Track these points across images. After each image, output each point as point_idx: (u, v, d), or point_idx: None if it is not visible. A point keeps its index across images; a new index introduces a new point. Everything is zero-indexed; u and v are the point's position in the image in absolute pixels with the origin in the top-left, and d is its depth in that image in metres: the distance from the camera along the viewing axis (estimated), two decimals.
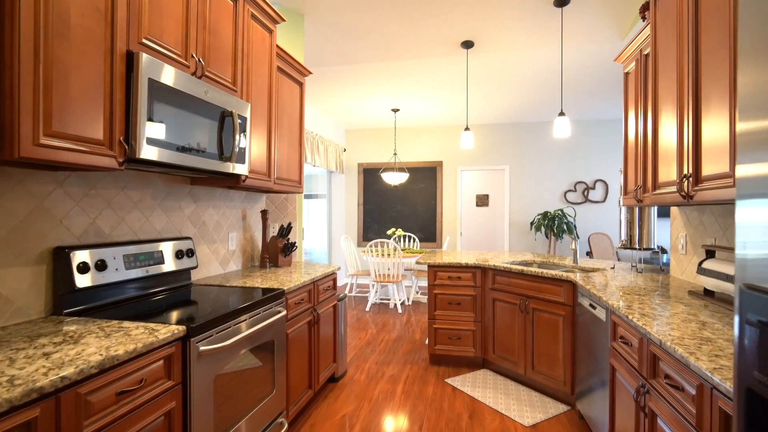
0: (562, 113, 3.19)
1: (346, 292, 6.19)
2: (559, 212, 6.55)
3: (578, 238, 2.96)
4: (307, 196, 7.47)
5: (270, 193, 3.21)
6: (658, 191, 2.04)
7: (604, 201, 6.81)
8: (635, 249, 2.85)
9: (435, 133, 7.41)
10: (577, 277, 2.61)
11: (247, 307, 1.90)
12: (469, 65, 4.38)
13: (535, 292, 2.96)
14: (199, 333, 1.57)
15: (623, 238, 2.91)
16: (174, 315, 1.67)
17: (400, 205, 7.52)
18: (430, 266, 3.54)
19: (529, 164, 7.09)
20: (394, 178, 6.40)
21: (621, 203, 2.87)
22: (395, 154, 6.45)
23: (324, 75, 4.80)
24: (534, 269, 2.95)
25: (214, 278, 2.56)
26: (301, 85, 3.19)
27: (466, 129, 4.00)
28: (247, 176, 2.38)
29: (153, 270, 2.06)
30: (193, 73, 1.92)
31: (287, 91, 2.97)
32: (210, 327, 1.63)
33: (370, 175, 7.65)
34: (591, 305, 2.31)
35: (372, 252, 5.53)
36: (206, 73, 2.01)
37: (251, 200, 3.15)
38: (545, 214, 6.57)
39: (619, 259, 6.67)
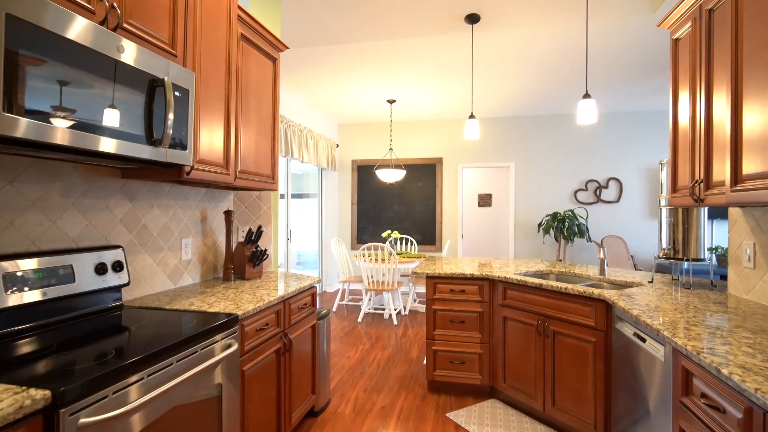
0: (587, 95, 2.66)
1: (338, 300, 5.66)
2: (570, 213, 6.02)
3: (590, 240, 2.49)
4: (297, 195, 6.93)
5: (233, 189, 2.67)
6: (740, 186, 1.51)
7: (617, 201, 6.28)
8: (680, 260, 2.32)
9: (434, 127, 6.88)
10: (609, 294, 2.08)
11: (170, 348, 1.36)
12: (474, 45, 3.86)
13: (556, 311, 2.43)
14: (80, 398, 1.04)
15: (665, 246, 2.38)
16: (56, 363, 1.14)
17: (396, 204, 6.98)
18: (428, 277, 3.01)
19: (536, 161, 6.55)
20: (390, 176, 5.86)
21: (663, 203, 2.34)
22: (391, 149, 5.92)
23: (311, 59, 4.26)
24: (553, 282, 2.43)
25: (157, 297, 2.03)
26: (274, 61, 2.66)
27: (471, 117, 3.47)
28: (192, 167, 1.85)
29: (56, 291, 1.52)
30: (102, 22, 1.39)
31: (256, 66, 2.44)
32: (99, 386, 1.10)
33: (364, 172, 7.11)
34: (637, 335, 1.79)
35: (365, 256, 4.99)
36: (124, 25, 1.48)
37: (213, 199, 2.62)
38: (554, 215, 6.04)
39: (635, 265, 6.15)
